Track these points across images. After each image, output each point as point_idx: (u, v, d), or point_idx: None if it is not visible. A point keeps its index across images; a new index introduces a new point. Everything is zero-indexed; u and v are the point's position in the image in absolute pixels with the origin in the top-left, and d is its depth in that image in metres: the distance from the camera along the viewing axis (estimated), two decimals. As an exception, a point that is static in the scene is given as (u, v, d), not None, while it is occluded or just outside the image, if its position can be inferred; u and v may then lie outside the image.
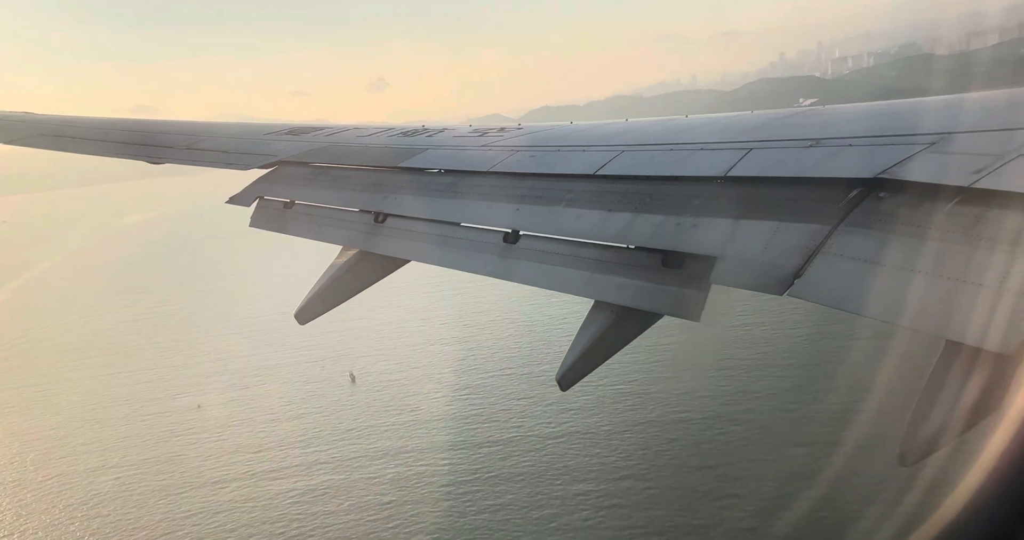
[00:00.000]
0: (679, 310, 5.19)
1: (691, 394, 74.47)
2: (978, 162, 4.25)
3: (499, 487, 60.97)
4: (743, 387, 74.71)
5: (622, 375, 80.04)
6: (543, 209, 6.49)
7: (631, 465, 62.30)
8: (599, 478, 60.66)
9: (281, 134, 11.07)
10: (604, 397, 75.73)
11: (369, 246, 7.73)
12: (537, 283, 6.22)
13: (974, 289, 3.69)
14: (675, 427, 68.02)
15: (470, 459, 66.21)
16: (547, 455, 65.75)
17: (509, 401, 79.05)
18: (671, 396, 74.57)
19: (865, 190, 4.64)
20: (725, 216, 5.23)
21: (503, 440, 69.38)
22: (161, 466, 72.15)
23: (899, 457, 3.87)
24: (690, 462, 61.61)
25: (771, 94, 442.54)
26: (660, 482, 59.22)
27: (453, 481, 62.67)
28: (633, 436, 67.44)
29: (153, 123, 13.25)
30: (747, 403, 71.12)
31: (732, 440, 64.31)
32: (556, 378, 5.74)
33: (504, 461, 65.32)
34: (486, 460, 65.67)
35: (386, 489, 62.57)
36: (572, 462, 63.90)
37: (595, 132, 8.26)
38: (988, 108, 5.63)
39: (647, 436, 67.11)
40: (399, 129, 10.16)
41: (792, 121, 6.47)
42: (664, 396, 74.72)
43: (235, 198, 9.60)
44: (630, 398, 74.92)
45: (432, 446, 69.77)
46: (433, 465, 65.92)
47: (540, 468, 63.48)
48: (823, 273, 4.34)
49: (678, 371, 79.11)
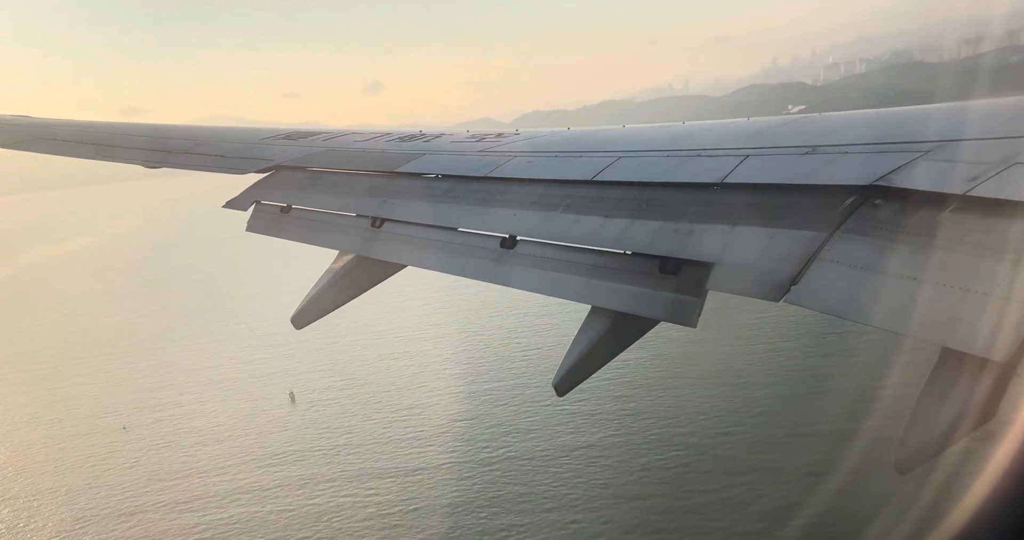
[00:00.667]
0: (676, 316, 5.19)
1: (639, 415, 71.25)
2: (973, 170, 4.31)
3: (420, 520, 57.72)
4: (693, 407, 71.51)
5: (571, 394, 76.69)
6: (540, 214, 6.52)
7: (562, 494, 59.00)
8: (526, 509, 57.91)
9: (278, 139, 10.95)
10: (550, 418, 73.60)
11: (366, 251, 7.69)
12: (534, 288, 6.17)
13: (969, 296, 3.74)
14: (615, 451, 64.73)
15: (397, 488, 63.01)
16: (478, 483, 62.47)
17: (452, 423, 75.52)
18: (619, 416, 71.58)
19: (861, 197, 4.69)
20: (722, 222, 5.26)
21: (435, 466, 66.10)
22: (65, 497, 67.48)
23: (895, 464, 3.91)
24: (625, 491, 58.47)
25: (761, 100, 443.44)
26: (589, 514, 56.30)
27: (374, 514, 59.47)
28: (570, 462, 64.19)
29: (150, 127, 12.98)
30: (693, 424, 67.82)
31: (672, 466, 60.92)
32: (553, 383, 5.77)
33: (432, 490, 62.16)
34: (414, 489, 62.80)
35: (301, 523, 58.80)
36: (503, 491, 60.45)
37: (592, 138, 8.26)
38: (983, 117, 5.63)
39: (584, 462, 63.78)
40: (396, 134, 10.14)
41: (788, 128, 6.52)
42: (612, 416, 71.77)
43: (232, 202, 9.48)
44: (575, 419, 72.21)
45: (360, 473, 66.28)
46: (356, 495, 62.45)
47: (468, 498, 60.35)
48: (819, 280, 4.39)
49: (630, 390, 75.77)
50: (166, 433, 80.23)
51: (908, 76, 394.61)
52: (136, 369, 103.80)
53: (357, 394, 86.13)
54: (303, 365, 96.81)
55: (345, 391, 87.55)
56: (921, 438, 3.81)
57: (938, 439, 3.75)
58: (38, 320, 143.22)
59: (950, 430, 3.71)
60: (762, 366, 79.01)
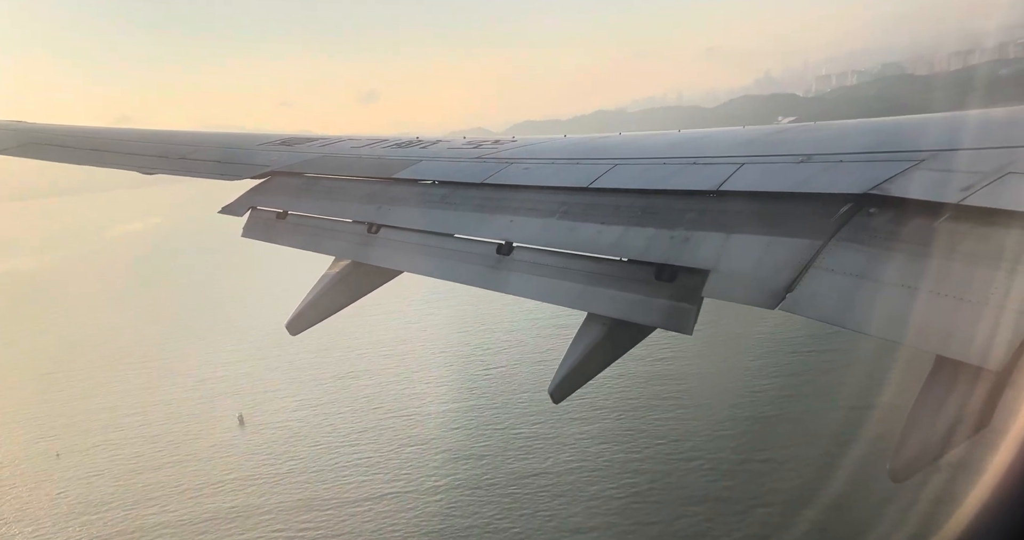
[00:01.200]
0: (671, 323, 5.20)
1: (596, 438, 68.45)
2: (967, 179, 4.33)
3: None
4: (653, 430, 68.61)
5: (530, 417, 73.44)
6: (537, 221, 6.51)
7: (504, 528, 55.95)
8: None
9: (275, 145, 10.86)
10: (504, 442, 71.28)
11: (362, 257, 7.65)
12: (530, 295, 6.18)
13: (963, 305, 3.76)
14: (566, 478, 63.42)
15: (334, 521, 60.32)
16: (419, 515, 59.43)
17: (401, 447, 72.05)
18: (575, 440, 69.81)
19: (856, 205, 4.71)
20: (718, 230, 5.27)
21: (377, 496, 63.11)
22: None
23: (890, 473, 3.94)
24: (569, 523, 57.28)
25: (750, 112, 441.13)
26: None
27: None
28: (518, 490, 61.58)
29: (146, 133, 12.72)
30: (650, 449, 64.85)
31: (623, 495, 57.75)
32: (549, 391, 5.78)
33: (369, 523, 59.49)
34: (351, 522, 59.90)
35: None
36: (444, 524, 57.90)
37: (589, 145, 8.33)
38: (977, 126, 5.65)
39: (533, 490, 61.60)
40: (393, 140, 10.11)
41: (784, 137, 6.59)
42: (568, 440, 70.49)
43: (227, 208, 9.41)
44: (530, 443, 70.44)
45: (298, 504, 63.28)
46: (289, 530, 59.34)
47: (405, 532, 56.98)
48: (814, 288, 4.40)
49: (590, 411, 72.67)
50: (101, 460, 76.52)
51: (898, 88, 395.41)
52: (86, 389, 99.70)
53: (309, 416, 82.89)
54: (259, 385, 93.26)
55: (297, 413, 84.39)
56: (916, 447, 3.85)
57: (933, 448, 3.80)
58: (4, 334, 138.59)
59: (945, 438, 3.76)
60: (731, 385, 76.09)
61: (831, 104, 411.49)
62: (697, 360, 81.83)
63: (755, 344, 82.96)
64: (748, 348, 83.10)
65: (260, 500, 64.22)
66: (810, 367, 77.36)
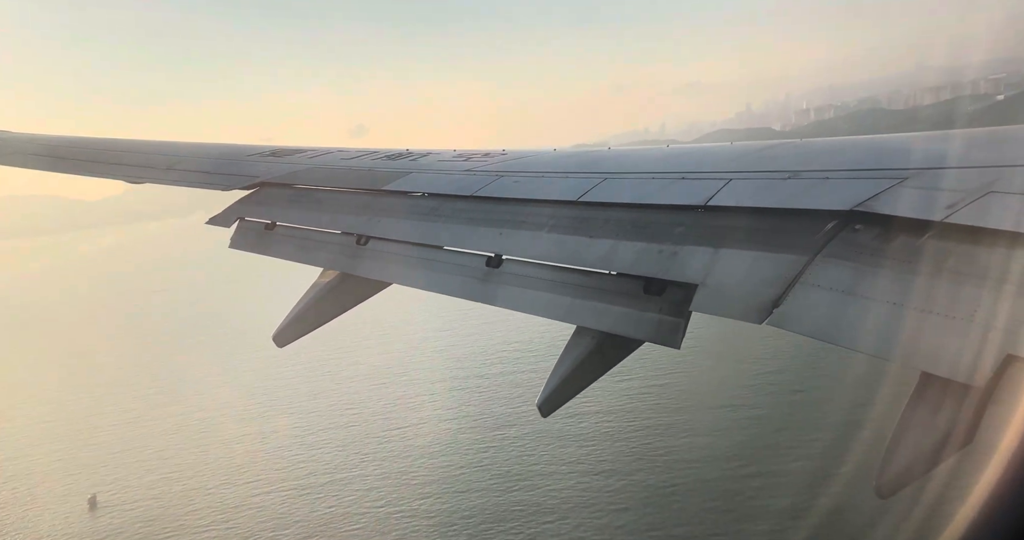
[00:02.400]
0: (660, 337, 5.24)
1: (506, 477, 60.28)
2: (951, 198, 4.41)
3: None
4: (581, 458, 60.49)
5: (464, 448, 68.44)
6: (526, 234, 6.55)
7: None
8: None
9: (264, 156, 10.81)
10: (445, 474, 65.12)
11: (351, 268, 7.69)
12: (519, 308, 6.21)
13: (946, 322, 3.80)
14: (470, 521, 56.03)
15: None
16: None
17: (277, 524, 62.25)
18: (489, 478, 61.59)
19: (842, 222, 4.78)
20: (706, 244, 5.31)
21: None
22: None
23: (876, 489, 3.98)
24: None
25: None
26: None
27: None
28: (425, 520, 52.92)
29: (133, 143, 12.61)
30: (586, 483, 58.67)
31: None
32: (537, 404, 5.78)
33: None
34: None
35: None
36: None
37: (578, 159, 8.35)
38: (960, 145, 5.68)
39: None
40: (383, 153, 10.07)
41: (771, 153, 6.64)
42: (487, 480, 62.83)
43: (215, 219, 9.40)
44: (452, 472, 64.47)
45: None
46: None
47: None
48: (801, 303, 4.45)
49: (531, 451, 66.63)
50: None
51: (872, 121, 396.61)
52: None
53: (172, 494, 72.87)
54: (122, 458, 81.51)
55: (156, 491, 73.63)
56: (902, 463, 3.88)
57: (919, 464, 3.84)
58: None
59: (931, 455, 3.79)
60: (661, 413, 71.08)
61: (806, 137, 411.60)
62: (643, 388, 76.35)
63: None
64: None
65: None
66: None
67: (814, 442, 58.11)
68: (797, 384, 75.03)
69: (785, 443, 61.80)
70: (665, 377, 79.52)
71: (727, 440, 64.50)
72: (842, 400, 58.18)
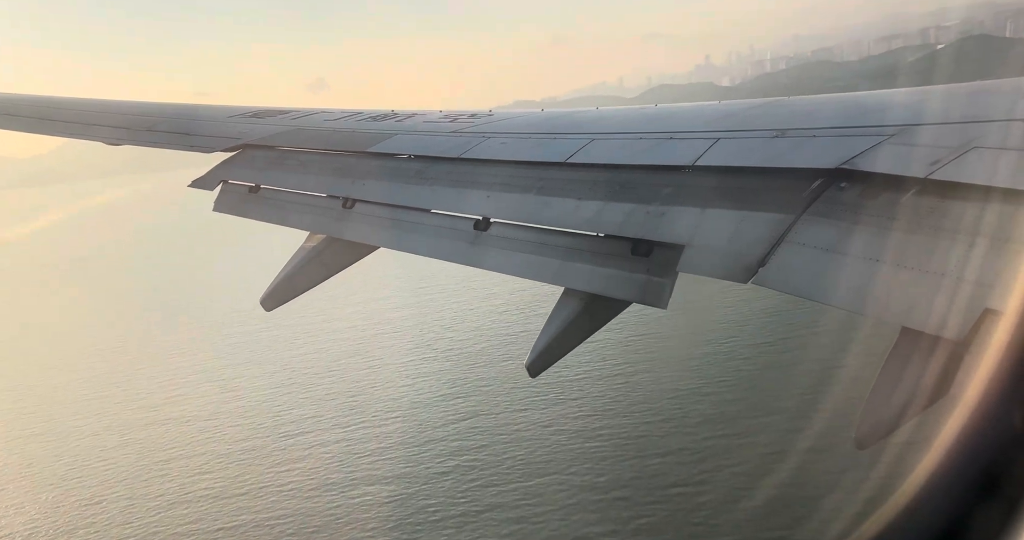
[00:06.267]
0: (647, 298, 5.28)
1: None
2: (935, 154, 4.42)
3: None
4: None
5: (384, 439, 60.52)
6: (514, 197, 6.54)
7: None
8: None
9: (245, 117, 10.63)
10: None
11: (337, 232, 7.64)
12: (508, 271, 6.26)
13: (927, 278, 3.85)
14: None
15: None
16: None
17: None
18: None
19: (828, 180, 4.79)
20: (693, 205, 5.35)
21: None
22: None
23: (855, 441, 4.09)
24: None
25: (667, 101, 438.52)
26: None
27: None
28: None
29: (111, 103, 12.30)
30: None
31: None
32: (526, 365, 5.86)
33: None
34: None
35: None
36: None
37: (566, 120, 8.27)
38: (947, 101, 5.70)
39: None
40: (367, 113, 9.92)
41: (759, 112, 6.59)
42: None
43: (198, 181, 9.35)
44: (359, 456, 56.33)
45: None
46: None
47: None
48: (786, 262, 4.51)
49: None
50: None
51: (818, 72, 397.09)
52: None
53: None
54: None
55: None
56: (879, 415, 3.97)
57: (895, 416, 3.91)
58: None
59: (905, 407, 3.88)
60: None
61: (746, 93, 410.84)
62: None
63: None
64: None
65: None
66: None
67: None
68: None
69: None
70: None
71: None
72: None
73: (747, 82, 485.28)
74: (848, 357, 48.79)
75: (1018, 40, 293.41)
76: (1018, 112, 4.77)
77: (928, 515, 3.33)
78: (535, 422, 59.70)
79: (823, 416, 46.70)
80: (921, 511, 3.32)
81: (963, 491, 3.20)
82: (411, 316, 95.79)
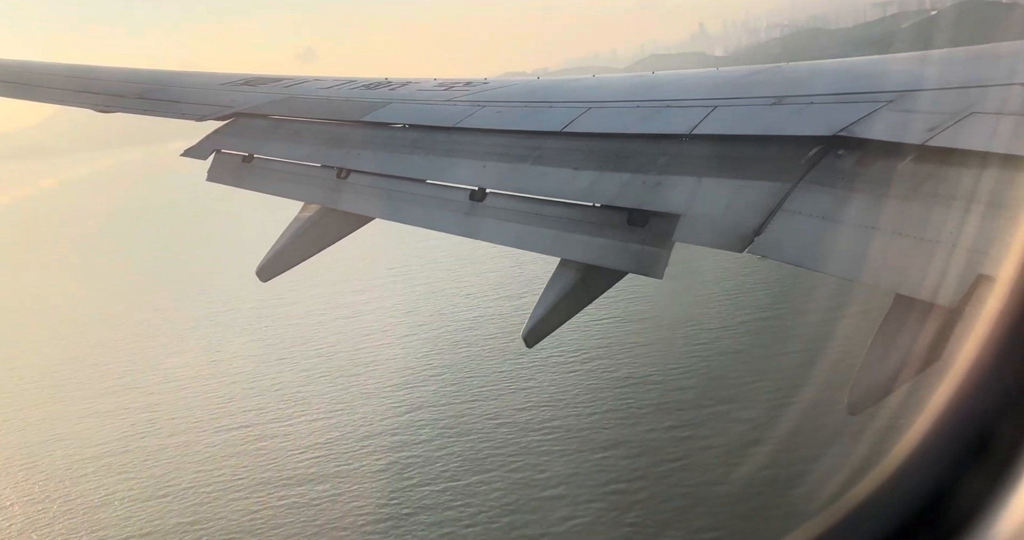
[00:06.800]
0: (643, 268, 5.33)
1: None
2: (932, 120, 4.39)
3: None
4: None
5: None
6: (510, 166, 6.57)
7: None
8: None
9: (237, 85, 10.54)
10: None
11: (332, 202, 7.65)
12: (504, 242, 6.28)
13: (922, 244, 3.86)
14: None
15: None
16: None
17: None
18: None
19: (825, 148, 4.78)
20: (689, 174, 5.37)
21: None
22: None
23: (848, 406, 4.14)
24: None
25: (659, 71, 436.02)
26: None
27: None
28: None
29: (101, 70, 12.14)
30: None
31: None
32: (522, 335, 5.92)
33: None
34: None
35: None
36: None
37: (562, 88, 8.35)
38: (945, 66, 5.64)
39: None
40: (361, 82, 9.83)
41: (757, 79, 6.62)
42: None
43: (191, 150, 9.30)
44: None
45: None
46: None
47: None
48: (782, 230, 4.53)
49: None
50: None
51: (808, 41, 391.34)
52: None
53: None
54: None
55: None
56: (871, 381, 4.04)
57: (887, 381, 3.96)
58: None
59: (897, 373, 3.90)
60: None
61: (739, 63, 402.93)
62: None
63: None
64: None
65: None
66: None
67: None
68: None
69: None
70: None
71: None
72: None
73: (740, 51, 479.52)
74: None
75: (1016, 4, 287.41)
76: (1017, 76, 4.76)
77: (919, 478, 3.29)
78: (482, 414, 57.17)
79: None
80: (912, 475, 3.28)
81: (953, 455, 3.17)
82: (372, 300, 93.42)
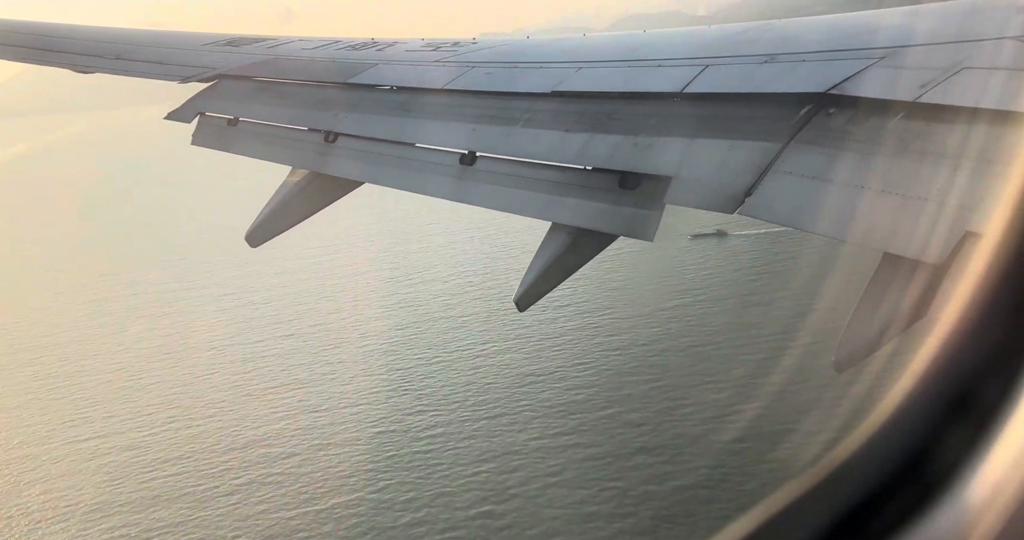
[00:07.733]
0: (634, 231, 5.33)
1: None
2: (924, 76, 4.33)
3: None
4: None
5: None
6: (500, 129, 6.52)
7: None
8: None
9: (220, 45, 10.28)
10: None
11: (320, 167, 7.57)
12: (495, 206, 6.24)
13: (910, 202, 3.85)
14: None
15: None
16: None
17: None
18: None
19: (816, 106, 4.75)
20: (681, 135, 5.34)
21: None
22: None
23: (835, 363, 4.22)
24: None
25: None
26: None
27: None
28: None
29: (80, 29, 11.84)
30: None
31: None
32: (514, 299, 5.93)
33: None
34: None
35: None
36: None
37: (553, 48, 8.24)
38: (937, 20, 5.56)
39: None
40: (347, 42, 9.63)
41: (749, 36, 6.56)
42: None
43: (174, 114, 9.06)
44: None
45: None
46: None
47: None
48: (773, 191, 4.54)
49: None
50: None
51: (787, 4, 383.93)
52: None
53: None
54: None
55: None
56: (858, 338, 4.07)
57: (873, 339, 4.01)
58: None
59: (884, 330, 3.93)
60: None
61: (726, 21, 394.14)
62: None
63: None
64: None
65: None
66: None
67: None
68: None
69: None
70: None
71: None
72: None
73: (723, 10, 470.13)
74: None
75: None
76: (1009, 30, 4.65)
77: (902, 434, 3.23)
78: (401, 408, 55.48)
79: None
80: (895, 431, 3.20)
81: (937, 411, 3.10)
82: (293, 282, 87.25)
